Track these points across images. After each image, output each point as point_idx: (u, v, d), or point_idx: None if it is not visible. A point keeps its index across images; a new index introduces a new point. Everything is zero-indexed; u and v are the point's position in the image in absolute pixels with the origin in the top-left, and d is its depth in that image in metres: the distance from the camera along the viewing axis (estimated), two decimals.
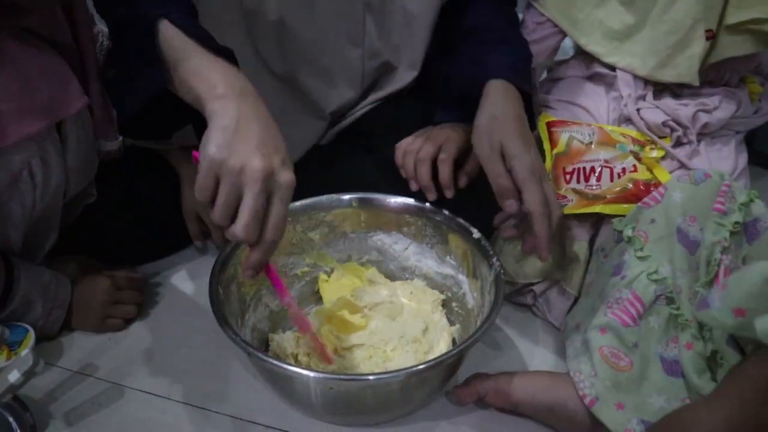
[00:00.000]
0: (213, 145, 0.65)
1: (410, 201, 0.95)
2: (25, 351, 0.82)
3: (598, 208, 0.93)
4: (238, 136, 0.66)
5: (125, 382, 0.88)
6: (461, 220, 0.91)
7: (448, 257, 0.95)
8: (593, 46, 1.11)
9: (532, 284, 0.98)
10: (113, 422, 0.83)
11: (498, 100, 0.89)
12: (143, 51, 0.75)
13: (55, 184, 0.84)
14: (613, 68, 1.10)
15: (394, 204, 0.95)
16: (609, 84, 1.11)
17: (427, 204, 0.93)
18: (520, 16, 1.15)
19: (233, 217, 0.66)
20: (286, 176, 0.67)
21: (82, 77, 0.84)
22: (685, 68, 1.04)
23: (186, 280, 1.06)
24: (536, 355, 0.94)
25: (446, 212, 0.93)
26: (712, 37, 1.01)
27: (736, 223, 0.78)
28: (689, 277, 0.79)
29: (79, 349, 0.93)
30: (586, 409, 0.78)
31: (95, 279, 0.95)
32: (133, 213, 1.02)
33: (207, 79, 0.71)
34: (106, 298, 0.94)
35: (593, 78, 1.13)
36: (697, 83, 1.05)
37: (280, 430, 0.83)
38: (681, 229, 0.81)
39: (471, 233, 0.89)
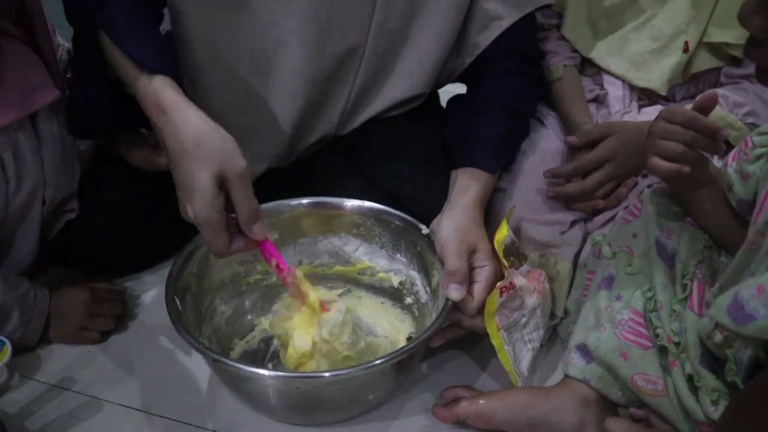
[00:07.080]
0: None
1: (356, 202, 0.95)
2: None
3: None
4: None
5: (103, 396, 0.87)
6: (410, 217, 0.92)
7: (398, 254, 0.95)
8: (578, 42, 1.11)
9: None
10: None
11: (474, 201, 0.90)
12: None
13: (30, 184, 0.83)
14: (602, 86, 1.12)
15: (342, 206, 0.96)
16: (600, 102, 1.12)
17: (374, 204, 0.94)
18: None
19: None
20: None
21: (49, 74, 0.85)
22: (656, 76, 1.06)
23: None
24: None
25: (394, 211, 0.93)
26: (686, 50, 1.03)
27: None
28: (669, 292, 0.79)
29: (57, 362, 0.92)
30: (568, 420, 0.79)
31: (74, 290, 0.94)
32: (113, 225, 1.01)
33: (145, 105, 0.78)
34: (84, 310, 0.93)
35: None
36: (664, 92, 1.07)
37: None
38: (659, 242, 0.81)
39: (420, 230, 0.91)
